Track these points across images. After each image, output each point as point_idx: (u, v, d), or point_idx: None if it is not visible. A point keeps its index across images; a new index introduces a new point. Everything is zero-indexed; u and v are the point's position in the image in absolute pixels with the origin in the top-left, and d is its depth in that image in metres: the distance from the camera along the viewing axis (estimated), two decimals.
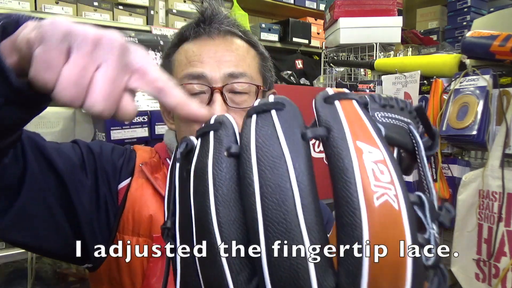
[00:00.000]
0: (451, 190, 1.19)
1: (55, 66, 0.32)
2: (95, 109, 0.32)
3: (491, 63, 1.11)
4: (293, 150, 0.26)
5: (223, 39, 0.69)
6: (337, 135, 0.26)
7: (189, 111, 0.36)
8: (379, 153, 0.26)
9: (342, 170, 0.25)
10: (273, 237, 0.25)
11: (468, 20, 3.18)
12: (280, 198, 0.25)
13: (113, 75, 0.33)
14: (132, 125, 1.19)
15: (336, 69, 2.24)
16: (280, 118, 0.28)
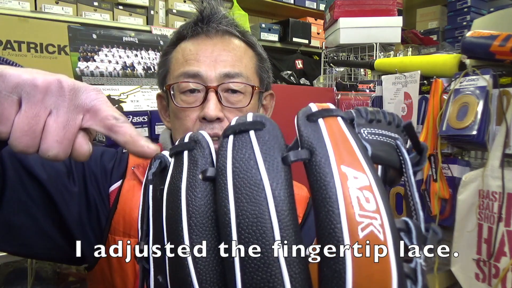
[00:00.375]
0: (451, 190, 1.19)
1: (7, 118, 0.33)
2: (49, 154, 0.34)
3: (491, 63, 1.10)
4: (272, 176, 0.24)
5: (220, 38, 0.69)
6: (320, 159, 0.24)
7: (138, 149, 0.36)
8: (365, 178, 0.24)
9: (325, 198, 0.23)
10: (251, 272, 0.23)
11: (468, 20, 3.18)
12: (258, 231, 0.23)
13: (65, 119, 0.34)
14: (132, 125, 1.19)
15: (336, 69, 2.24)
16: (259, 140, 0.26)
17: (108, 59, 1.27)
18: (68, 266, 1.43)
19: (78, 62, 1.21)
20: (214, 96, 0.64)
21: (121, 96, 1.26)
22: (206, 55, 0.66)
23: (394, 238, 0.24)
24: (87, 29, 1.26)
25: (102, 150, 0.71)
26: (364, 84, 1.55)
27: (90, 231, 0.63)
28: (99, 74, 1.24)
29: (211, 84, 0.64)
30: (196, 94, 0.66)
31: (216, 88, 0.64)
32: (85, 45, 1.23)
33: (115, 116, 0.36)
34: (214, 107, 0.63)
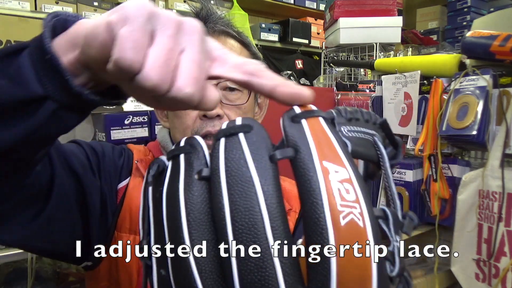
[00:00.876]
0: (451, 190, 1.19)
1: (142, 46, 0.30)
2: (187, 91, 0.30)
3: (491, 63, 1.11)
4: (261, 173, 0.27)
5: (217, 38, 0.70)
6: (304, 156, 0.27)
7: (292, 90, 0.32)
8: (345, 172, 0.27)
9: (309, 191, 0.26)
10: (244, 259, 0.25)
11: (468, 20, 3.18)
12: (250, 222, 0.26)
13: (199, 58, 0.31)
14: (132, 125, 1.19)
15: (336, 69, 2.24)
16: (247, 141, 0.28)
17: None
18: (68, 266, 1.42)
19: None
20: None
21: None
22: None
23: (373, 224, 0.26)
24: None
25: (112, 146, 0.71)
26: (364, 84, 1.55)
27: (99, 228, 0.63)
28: None
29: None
30: None
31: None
32: None
33: (255, 62, 0.34)
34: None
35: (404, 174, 1.30)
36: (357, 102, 1.52)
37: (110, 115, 1.18)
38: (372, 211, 0.27)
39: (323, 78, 2.28)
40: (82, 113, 0.37)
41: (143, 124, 1.22)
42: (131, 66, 0.29)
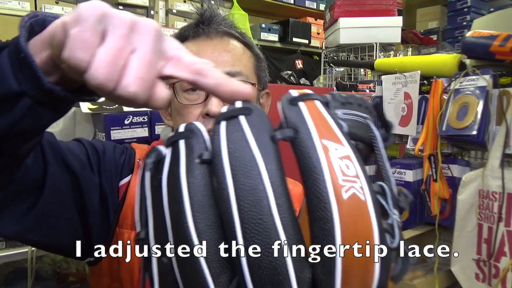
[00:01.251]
0: (451, 190, 1.19)
1: (90, 46, 0.31)
2: (130, 90, 0.31)
3: (491, 63, 1.11)
4: (264, 153, 0.27)
5: (220, 39, 0.72)
6: (304, 136, 0.28)
7: (233, 88, 0.34)
8: (344, 150, 0.28)
9: (311, 167, 0.27)
10: (251, 237, 0.25)
11: (468, 20, 3.18)
12: (255, 199, 0.26)
13: (149, 59, 0.32)
14: (132, 125, 1.19)
15: (336, 69, 2.25)
16: (249, 123, 0.29)
17: None
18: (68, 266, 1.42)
19: None
20: None
21: None
22: (207, 55, 0.69)
23: (373, 198, 0.27)
24: None
25: (113, 145, 0.72)
26: (364, 84, 1.55)
27: (101, 224, 0.64)
28: None
29: None
30: (198, 92, 0.68)
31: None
32: None
33: (203, 61, 0.35)
34: (216, 103, 0.65)
35: (404, 174, 1.30)
36: None
37: (110, 115, 1.18)
38: (372, 186, 0.28)
39: (323, 78, 2.28)
40: (57, 109, 0.38)
41: (143, 124, 1.22)
42: (78, 65, 0.31)
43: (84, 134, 1.26)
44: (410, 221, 1.29)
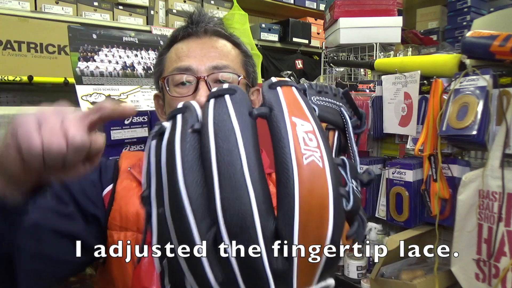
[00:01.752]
0: (451, 190, 1.19)
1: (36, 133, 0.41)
2: (78, 140, 0.42)
3: (491, 63, 1.11)
4: (241, 124, 0.33)
5: (209, 38, 0.78)
6: (277, 113, 0.34)
7: (122, 108, 0.46)
8: (309, 126, 0.34)
9: (279, 139, 0.33)
10: (225, 190, 0.31)
11: (468, 20, 3.18)
12: (230, 160, 0.32)
13: (74, 120, 0.43)
14: (132, 125, 1.19)
15: (336, 69, 2.24)
16: (232, 101, 0.35)
17: (108, 59, 1.27)
18: None
19: (78, 62, 1.21)
20: (204, 85, 0.72)
21: (121, 96, 1.26)
22: (196, 52, 0.74)
23: (331, 166, 0.33)
24: (87, 29, 1.26)
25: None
26: (364, 84, 1.55)
27: (95, 236, 0.69)
28: (99, 74, 1.24)
29: (201, 75, 0.72)
30: (188, 86, 0.73)
31: (205, 78, 0.72)
32: (85, 45, 1.23)
33: (97, 106, 0.46)
34: (205, 94, 0.70)
35: (404, 174, 1.30)
36: (357, 102, 1.52)
37: None
38: (332, 157, 0.34)
39: (323, 78, 2.28)
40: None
41: (143, 124, 1.22)
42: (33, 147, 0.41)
43: None
44: (410, 221, 1.29)
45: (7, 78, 1.86)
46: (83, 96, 1.19)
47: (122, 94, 1.26)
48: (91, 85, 1.22)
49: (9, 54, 1.96)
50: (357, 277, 1.38)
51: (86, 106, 1.17)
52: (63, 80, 1.98)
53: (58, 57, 2.07)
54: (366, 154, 1.59)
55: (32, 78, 1.93)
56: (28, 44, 2.00)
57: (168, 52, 0.79)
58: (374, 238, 1.39)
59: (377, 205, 1.46)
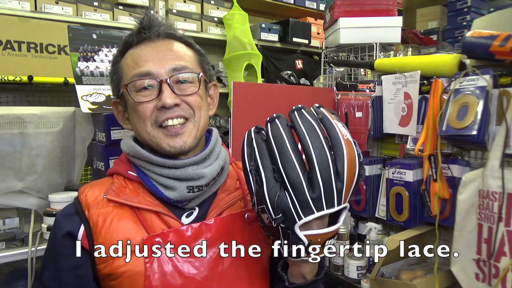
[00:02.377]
0: (451, 190, 1.19)
1: None
2: None
3: (491, 63, 1.11)
4: (317, 125, 0.61)
5: (162, 41, 0.79)
6: (325, 119, 0.63)
7: None
8: (341, 123, 0.63)
9: (330, 128, 0.61)
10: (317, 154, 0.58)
11: (468, 20, 3.18)
12: (319, 143, 0.59)
13: None
14: None
15: (336, 69, 2.24)
16: (306, 112, 0.62)
17: (108, 59, 1.27)
18: None
19: (78, 62, 1.21)
20: (167, 87, 0.75)
21: None
22: (153, 56, 0.76)
23: (354, 141, 0.64)
24: (87, 29, 1.26)
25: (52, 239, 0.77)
26: (364, 84, 1.55)
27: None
28: (99, 74, 1.24)
29: (162, 78, 0.74)
30: (151, 89, 0.75)
31: (167, 80, 0.75)
32: (85, 45, 1.23)
33: None
34: (169, 95, 0.74)
35: (404, 174, 1.31)
36: (357, 102, 1.52)
37: (110, 115, 1.18)
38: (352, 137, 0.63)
39: (323, 78, 2.27)
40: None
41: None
42: None
43: (84, 134, 1.26)
44: (410, 221, 1.29)
45: (7, 78, 1.86)
46: (83, 96, 1.19)
47: None
48: (91, 85, 1.22)
49: (9, 54, 1.96)
50: (357, 277, 1.38)
51: (86, 106, 1.17)
52: (63, 80, 1.99)
53: (58, 57, 2.07)
54: (366, 154, 1.59)
55: (32, 78, 1.93)
56: (28, 44, 2.00)
57: (123, 59, 0.80)
58: (374, 238, 1.39)
59: (377, 205, 1.46)
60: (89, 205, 0.75)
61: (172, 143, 0.75)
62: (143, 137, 0.78)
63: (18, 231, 1.10)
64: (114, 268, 0.70)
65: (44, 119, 1.13)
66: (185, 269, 0.71)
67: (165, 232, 0.72)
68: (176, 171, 0.75)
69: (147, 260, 0.70)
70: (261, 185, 0.60)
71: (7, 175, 1.09)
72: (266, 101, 1.46)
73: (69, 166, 1.25)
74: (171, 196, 0.75)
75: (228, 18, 2.83)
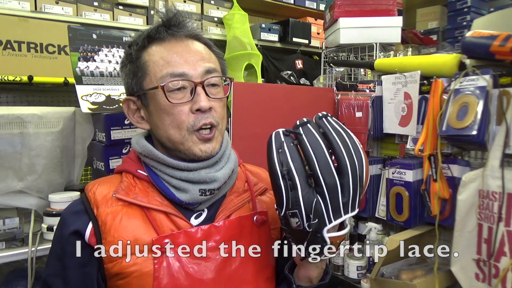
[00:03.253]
0: (451, 190, 1.19)
1: None
2: None
3: (491, 63, 1.11)
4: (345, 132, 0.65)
5: (191, 41, 0.79)
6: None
7: None
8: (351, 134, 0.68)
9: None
10: (348, 158, 0.62)
11: (468, 20, 3.18)
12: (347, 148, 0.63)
13: None
14: (132, 125, 1.19)
15: (336, 69, 2.24)
16: (333, 119, 0.65)
17: (108, 59, 1.27)
18: None
19: (78, 62, 1.21)
20: (202, 90, 0.74)
21: (121, 96, 1.26)
22: (185, 56, 0.75)
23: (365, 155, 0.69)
24: (87, 29, 1.26)
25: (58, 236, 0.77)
26: (364, 84, 1.55)
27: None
28: (99, 74, 1.24)
29: (196, 80, 0.74)
30: (183, 91, 0.74)
31: (202, 83, 0.74)
32: (85, 45, 1.23)
33: None
34: (205, 98, 0.73)
35: (404, 174, 1.30)
36: (357, 102, 1.52)
37: (110, 115, 1.18)
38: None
39: (323, 78, 2.27)
40: None
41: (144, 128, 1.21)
42: None
43: (84, 134, 1.26)
44: (410, 221, 1.29)
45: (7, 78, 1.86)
46: (83, 96, 1.18)
47: (122, 94, 1.26)
48: (91, 85, 1.22)
49: (9, 54, 1.96)
50: (357, 277, 1.38)
51: (86, 106, 1.17)
52: (63, 80, 1.98)
53: (58, 57, 2.07)
54: (366, 154, 1.59)
55: (32, 78, 1.93)
56: (28, 44, 1.99)
57: (146, 54, 0.76)
58: (374, 238, 1.39)
59: (377, 205, 1.45)
60: (98, 203, 0.74)
61: (204, 148, 0.75)
62: (173, 140, 0.75)
63: (18, 231, 1.10)
64: (123, 268, 0.69)
65: (44, 119, 1.13)
66: (193, 270, 0.71)
67: (175, 234, 0.72)
68: (189, 174, 0.74)
69: (156, 261, 0.69)
70: (295, 189, 0.60)
71: (7, 175, 1.09)
72: (266, 101, 1.46)
73: (69, 166, 1.25)
74: (183, 198, 0.74)
75: (228, 18, 2.83)
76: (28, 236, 1.08)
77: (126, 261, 0.69)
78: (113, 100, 1.23)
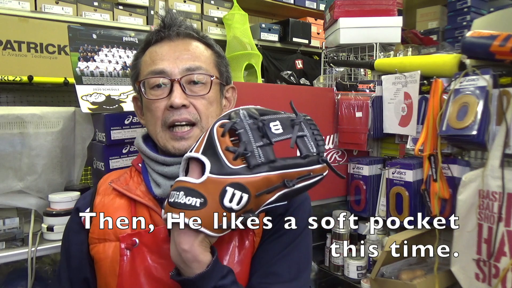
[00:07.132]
0: (451, 190, 1.19)
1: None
2: None
3: (491, 63, 1.11)
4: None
5: (182, 41, 0.80)
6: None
7: None
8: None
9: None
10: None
11: (468, 20, 3.18)
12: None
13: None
14: (132, 125, 1.19)
15: (336, 69, 2.24)
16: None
17: (108, 59, 1.27)
18: None
19: (78, 62, 1.21)
20: (178, 87, 0.75)
21: (121, 96, 1.26)
22: (170, 55, 0.77)
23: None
24: (87, 29, 1.26)
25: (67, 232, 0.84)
26: (364, 84, 1.55)
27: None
28: (99, 74, 1.24)
29: (175, 77, 0.76)
30: (163, 88, 0.76)
31: (179, 80, 0.75)
32: (85, 45, 1.23)
33: None
34: (179, 95, 0.74)
35: (404, 174, 1.31)
36: (357, 102, 1.52)
37: (110, 115, 1.18)
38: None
39: (323, 78, 2.27)
40: None
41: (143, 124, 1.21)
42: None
43: (84, 134, 1.26)
44: (410, 221, 1.29)
45: (7, 78, 1.86)
46: (83, 96, 1.18)
47: (122, 94, 1.26)
48: (91, 85, 1.22)
49: (9, 54, 1.96)
50: (357, 277, 1.38)
51: (86, 106, 1.17)
52: (63, 80, 1.98)
53: (58, 57, 2.07)
54: (366, 154, 1.59)
55: (32, 78, 1.93)
56: (28, 44, 2.00)
57: (143, 56, 0.81)
58: (374, 238, 1.39)
59: (377, 205, 1.46)
60: (100, 192, 0.81)
61: (176, 146, 0.76)
62: (152, 135, 0.80)
63: (18, 231, 1.10)
64: (96, 253, 0.75)
65: (44, 119, 1.13)
66: (155, 270, 0.72)
67: (142, 232, 0.74)
68: (165, 168, 0.77)
69: (121, 257, 0.73)
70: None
71: (7, 175, 1.09)
72: (266, 101, 1.46)
73: (69, 166, 1.25)
74: (157, 192, 0.77)
75: (228, 18, 2.83)
76: (28, 236, 1.08)
77: (99, 248, 0.75)
78: (113, 100, 1.23)
